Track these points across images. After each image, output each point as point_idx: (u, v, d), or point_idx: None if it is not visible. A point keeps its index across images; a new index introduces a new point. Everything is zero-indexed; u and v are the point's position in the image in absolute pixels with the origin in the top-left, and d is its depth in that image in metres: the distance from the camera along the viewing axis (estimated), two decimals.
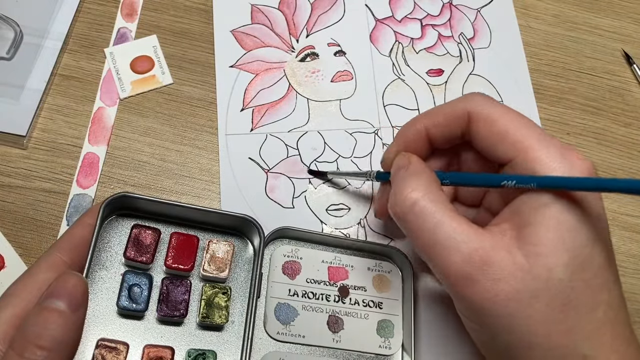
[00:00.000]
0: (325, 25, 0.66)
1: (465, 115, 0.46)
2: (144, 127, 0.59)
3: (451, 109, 0.47)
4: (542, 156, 0.42)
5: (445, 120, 0.47)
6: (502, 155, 0.44)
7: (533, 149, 0.42)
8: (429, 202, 0.42)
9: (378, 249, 0.55)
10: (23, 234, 0.55)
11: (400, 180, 0.45)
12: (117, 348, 0.46)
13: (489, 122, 0.45)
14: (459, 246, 0.41)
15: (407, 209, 0.43)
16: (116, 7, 0.64)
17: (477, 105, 0.46)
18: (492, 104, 0.46)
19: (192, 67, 0.63)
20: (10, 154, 0.57)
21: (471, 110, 0.46)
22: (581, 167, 0.41)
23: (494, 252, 0.40)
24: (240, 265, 0.52)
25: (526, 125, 0.44)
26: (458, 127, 0.47)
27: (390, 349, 0.52)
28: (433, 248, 0.42)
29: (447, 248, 0.41)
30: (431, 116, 0.48)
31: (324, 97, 0.63)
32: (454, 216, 0.42)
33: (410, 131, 0.49)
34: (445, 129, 0.48)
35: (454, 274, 0.41)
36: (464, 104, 0.46)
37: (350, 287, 0.54)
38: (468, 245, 0.40)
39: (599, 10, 0.71)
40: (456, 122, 0.47)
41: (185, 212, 0.51)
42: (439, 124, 0.48)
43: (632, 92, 0.68)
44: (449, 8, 0.69)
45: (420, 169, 0.45)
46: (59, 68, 0.61)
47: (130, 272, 0.48)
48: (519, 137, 0.43)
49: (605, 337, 0.40)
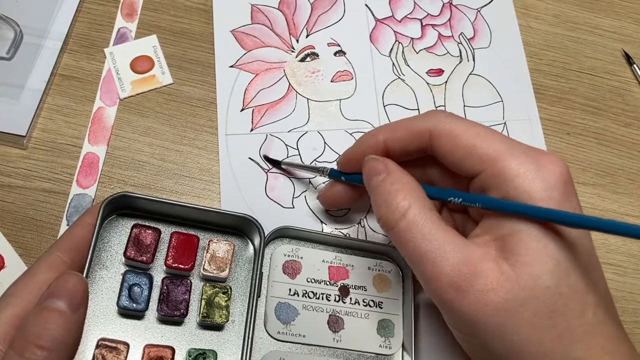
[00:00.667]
0: (325, 25, 0.66)
1: (426, 132, 0.46)
2: (144, 127, 0.59)
3: (412, 125, 0.47)
4: (511, 165, 0.42)
5: (405, 135, 0.47)
6: (469, 169, 0.44)
7: (501, 159, 0.42)
8: (419, 211, 0.42)
9: (378, 248, 0.55)
10: (23, 234, 0.54)
11: (388, 189, 0.44)
12: (117, 348, 0.46)
13: (452, 137, 0.44)
14: (448, 257, 0.41)
15: (398, 216, 0.43)
16: (116, 7, 0.64)
17: (439, 123, 0.45)
18: (454, 119, 0.45)
19: (192, 67, 0.63)
20: (10, 154, 0.57)
21: (432, 128, 0.45)
22: (553, 171, 0.41)
23: (481, 263, 0.40)
24: (241, 265, 0.52)
25: (492, 137, 0.43)
26: (417, 143, 0.47)
27: (391, 348, 0.52)
28: (423, 258, 0.42)
29: (436, 257, 0.41)
30: (392, 130, 0.48)
31: (324, 97, 0.63)
32: (443, 226, 0.42)
33: (370, 141, 0.49)
34: (404, 144, 0.47)
35: (444, 285, 0.41)
36: (424, 121, 0.46)
37: (350, 287, 0.54)
38: (457, 256, 0.41)
39: (599, 10, 0.71)
40: (416, 139, 0.47)
41: (185, 212, 0.51)
42: (399, 139, 0.48)
43: (632, 92, 0.68)
44: (449, 8, 0.69)
45: (402, 175, 0.45)
46: (59, 68, 0.60)
47: (131, 272, 0.48)
48: (485, 149, 0.43)
49: (596, 339, 0.40)
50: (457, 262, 0.40)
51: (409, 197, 0.43)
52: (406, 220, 0.42)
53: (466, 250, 0.41)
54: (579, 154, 0.64)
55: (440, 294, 0.41)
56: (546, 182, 0.41)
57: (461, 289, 0.40)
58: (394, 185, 0.44)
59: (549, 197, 0.40)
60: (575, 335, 0.40)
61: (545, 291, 0.39)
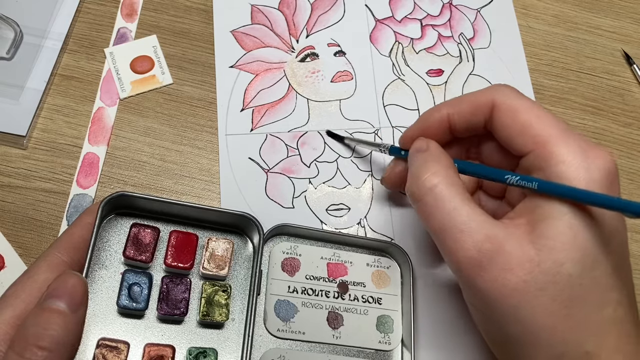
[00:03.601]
0: (325, 25, 0.66)
1: (490, 104, 0.46)
2: (144, 127, 0.59)
3: (476, 98, 0.47)
4: (560, 151, 0.42)
5: (469, 109, 0.48)
6: (521, 147, 0.44)
7: (552, 143, 0.42)
8: (447, 187, 0.43)
9: (377, 244, 0.55)
10: (23, 234, 0.55)
11: (420, 163, 0.45)
12: (117, 347, 0.46)
13: (512, 112, 0.45)
14: (471, 232, 0.41)
15: (425, 191, 0.43)
16: (116, 7, 0.64)
17: (503, 96, 0.46)
18: (518, 96, 0.46)
19: (192, 67, 0.63)
20: (10, 154, 0.57)
21: (496, 100, 0.46)
22: (600, 166, 0.41)
23: (505, 242, 0.40)
24: (240, 263, 0.52)
25: (550, 120, 0.44)
26: (481, 116, 0.47)
27: (390, 344, 0.53)
28: (446, 232, 0.42)
29: (460, 232, 0.41)
30: (455, 104, 0.49)
31: (324, 97, 0.63)
32: (470, 203, 0.43)
33: (434, 116, 0.49)
34: (468, 118, 0.48)
35: (464, 260, 0.41)
36: (490, 93, 0.47)
37: (349, 283, 0.54)
38: (481, 232, 0.41)
39: (599, 10, 0.71)
40: (480, 111, 0.47)
41: (184, 211, 0.51)
42: (463, 112, 0.48)
43: (632, 92, 0.68)
44: (449, 8, 0.69)
45: (438, 154, 0.46)
46: (59, 68, 0.61)
47: (130, 271, 0.48)
48: (539, 130, 0.43)
49: (610, 336, 0.40)
50: (480, 239, 0.41)
51: (439, 173, 0.44)
52: (433, 195, 0.43)
53: (491, 228, 0.41)
54: None
55: (460, 268, 0.42)
56: (590, 174, 0.41)
57: (481, 265, 0.40)
58: (428, 162, 0.45)
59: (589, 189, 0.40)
60: (589, 329, 0.40)
61: (566, 279, 0.39)
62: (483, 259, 0.40)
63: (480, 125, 0.48)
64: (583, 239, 0.40)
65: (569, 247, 0.39)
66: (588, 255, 0.40)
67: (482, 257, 0.40)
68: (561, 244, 0.39)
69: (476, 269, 0.41)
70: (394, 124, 0.62)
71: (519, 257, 0.40)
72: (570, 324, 0.39)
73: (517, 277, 0.39)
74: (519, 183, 0.43)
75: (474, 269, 0.41)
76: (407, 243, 0.57)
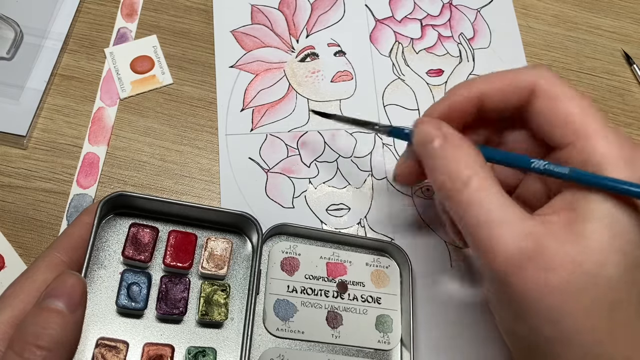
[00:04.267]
0: (325, 25, 0.66)
1: (531, 87, 0.43)
2: (144, 127, 0.60)
3: (515, 77, 0.44)
4: (601, 144, 0.40)
5: (506, 89, 0.44)
6: (559, 138, 0.42)
7: (593, 137, 0.40)
8: (482, 180, 0.41)
9: (376, 244, 0.55)
10: (23, 234, 0.55)
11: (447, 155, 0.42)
12: (117, 347, 0.46)
13: (553, 100, 0.42)
14: (511, 227, 0.39)
15: (460, 186, 0.41)
16: (116, 7, 0.64)
17: (546, 81, 0.43)
18: (561, 82, 0.43)
19: (192, 67, 0.63)
20: (10, 154, 0.57)
21: (538, 84, 0.43)
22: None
23: (545, 240, 0.38)
24: (239, 263, 0.52)
25: (594, 114, 0.41)
26: (517, 100, 0.44)
27: (389, 343, 0.52)
28: (482, 227, 0.40)
29: (499, 227, 0.39)
30: (491, 81, 0.45)
31: (324, 97, 0.63)
32: (506, 197, 0.40)
33: (462, 92, 0.46)
34: (502, 99, 0.45)
35: (503, 256, 0.39)
36: (531, 75, 0.44)
37: (348, 283, 0.54)
38: (520, 228, 0.39)
39: (599, 10, 0.71)
40: (517, 93, 0.44)
41: (182, 210, 0.51)
42: (497, 92, 0.45)
43: (632, 92, 0.67)
44: (449, 8, 0.69)
45: (462, 141, 0.43)
46: (59, 68, 0.61)
47: (129, 271, 0.48)
48: (581, 122, 0.41)
49: None
50: (517, 236, 0.38)
51: (471, 165, 0.41)
52: (468, 190, 0.40)
53: (529, 225, 0.39)
54: None
55: (495, 267, 0.39)
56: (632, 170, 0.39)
57: (519, 264, 0.38)
58: (455, 153, 0.42)
59: None
60: (628, 332, 0.38)
61: (607, 281, 0.38)
62: (520, 257, 0.38)
63: (513, 109, 0.45)
64: (624, 241, 0.38)
65: (609, 248, 0.38)
66: (629, 257, 0.38)
67: (521, 255, 0.38)
68: (602, 245, 0.38)
69: (514, 267, 0.38)
70: (394, 124, 0.62)
71: (560, 256, 0.38)
72: (610, 326, 0.38)
73: (559, 277, 0.37)
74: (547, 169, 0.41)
75: (512, 266, 0.38)
76: (407, 243, 0.57)
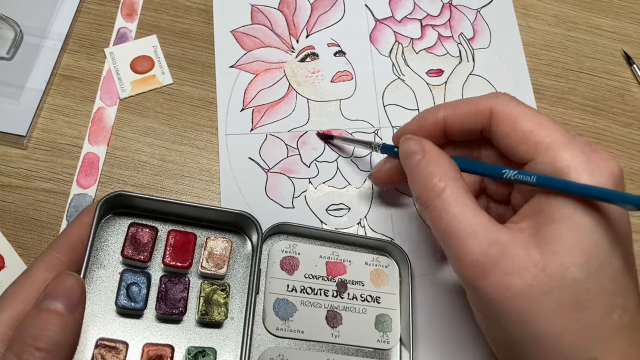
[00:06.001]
0: (325, 25, 0.66)
1: (488, 112, 0.46)
2: (144, 127, 0.60)
3: (474, 104, 0.47)
4: (564, 156, 0.42)
5: (466, 114, 0.48)
6: (523, 154, 0.44)
7: (554, 149, 0.42)
8: (455, 190, 0.43)
9: (375, 243, 0.56)
10: (23, 234, 0.55)
11: (424, 168, 0.45)
12: (116, 347, 0.46)
13: (512, 120, 0.45)
14: (478, 236, 0.41)
15: (434, 196, 0.43)
16: (116, 7, 0.64)
17: (501, 104, 0.46)
18: (518, 103, 0.46)
19: (192, 67, 0.63)
20: (10, 154, 0.57)
21: (494, 108, 0.46)
22: (604, 169, 0.41)
23: (510, 246, 0.40)
24: (239, 262, 0.52)
25: (553, 127, 0.44)
26: (478, 123, 0.47)
27: (389, 343, 0.53)
28: (453, 236, 0.42)
29: (466, 236, 0.41)
30: (453, 107, 0.49)
31: (324, 97, 0.63)
32: (476, 207, 0.43)
33: (430, 117, 0.49)
34: (465, 123, 0.48)
35: (470, 263, 0.41)
36: (487, 100, 0.47)
37: (348, 282, 0.54)
38: (486, 236, 0.41)
39: (599, 10, 0.71)
40: (477, 118, 0.47)
41: (182, 210, 0.51)
42: (460, 116, 0.48)
43: (632, 92, 0.67)
44: (449, 8, 0.69)
45: (437, 155, 0.46)
46: (59, 68, 0.61)
47: (128, 271, 0.48)
48: (541, 137, 0.43)
49: (618, 342, 0.40)
50: (485, 243, 0.41)
51: (444, 178, 0.44)
52: (440, 200, 0.43)
53: (496, 233, 0.41)
54: None
55: (465, 272, 0.42)
56: (595, 178, 0.41)
57: (485, 269, 0.40)
58: (431, 166, 0.45)
59: None
60: (596, 334, 0.39)
61: (572, 283, 0.39)
62: (488, 262, 0.40)
63: (477, 131, 0.48)
64: (587, 243, 0.40)
65: (573, 251, 0.39)
66: (593, 259, 0.39)
67: (487, 261, 0.40)
68: (565, 248, 0.39)
69: (481, 273, 0.41)
70: (394, 124, 0.62)
71: (524, 261, 0.40)
72: (577, 328, 0.39)
73: (523, 280, 0.39)
74: (517, 177, 0.43)
75: (479, 272, 0.41)
76: (407, 243, 0.57)
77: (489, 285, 0.40)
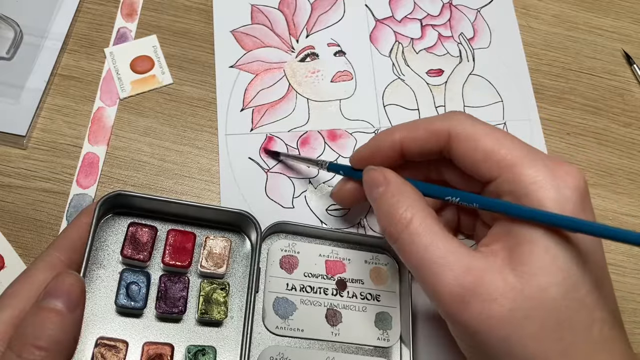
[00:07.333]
0: (325, 25, 0.66)
1: (445, 133, 0.45)
2: (144, 127, 0.60)
3: (431, 125, 0.46)
4: (527, 172, 0.41)
5: (423, 136, 0.46)
6: (486, 173, 0.43)
7: (518, 165, 0.42)
8: (422, 221, 0.42)
9: (374, 241, 0.55)
10: (23, 234, 0.55)
11: (389, 199, 0.44)
12: (116, 346, 0.46)
13: (471, 141, 0.44)
14: (451, 265, 0.40)
15: (401, 228, 0.42)
16: (116, 7, 0.64)
17: (458, 125, 0.45)
18: (475, 122, 0.45)
19: (192, 67, 0.63)
20: (10, 154, 0.57)
21: (451, 129, 0.45)
22: (569, 183, 0.41)
23: (485, 273, 0.39)
24: (238, 261, 0.52)
25: (512, 143, 0.43)
26: (436, 144, 0.46)
27: (389, 340, 0.53)
28: (425, 268, 0.41)
29: (439, 267, 0.40)
30: (409, 129, 0.48)
31: (324, 97, 0.63)
32: (446, 235, 0.42)
33: (386, 139, 0.48)
34: (422, 145, 0.47)
35: (447, 295, 0.40)
36: (443, 122, 0.46)
37: (347, 280, 0.54)
38: (460, 265, 0.40)
39: (599, 10, 0.71)
40: (434, 139, 0.46)
41: (181, 209, 0.51)
42: (416, 138, 0.47)
43: (632, 92, 0.68)
44: (449, 8, 0.69)
45: (401, 185, 0.45)
46: (59, 68, 0.61)
47: (128, 270, 0.48)
48: (503, 155, 0.42)
49: (601, 356, 0.39)
50: (459, 272, 0.40)
51: (410, 208, 0.43)
52: (408, 232, 0.42)
53: (469, 260, 0.40)
54: (578, 154, 0.64)
55: (443, 304, 0.40)
56: (561, 192, 0.40)
57: (463, 299, 0.39)
58: (395, 197, 0.44)
59: (562, 208, 0.40)
60: (580, 351, 0.39)
61: (551, 303, 0.38)
62: (465, 292, 0.39)
63: (435, 152, 0.47)
64: (562, 261, 0.39)
65: (549, 270, 0.39)
66: (569, 276, 0.39)
67: (464, 291, 0.39)
68: (541, 269, 0.39)
69: (460, 304, 0.39)
70: (394, 124, 0.62)
71: (501, 286, 0.39)
72: (561, 347, 0.39)
73: (502, 307, 0.38)
74: (461, 204, 0.44)
75: (457, 303, 0.39)
76: None
77: (469, 316, 0.39)
